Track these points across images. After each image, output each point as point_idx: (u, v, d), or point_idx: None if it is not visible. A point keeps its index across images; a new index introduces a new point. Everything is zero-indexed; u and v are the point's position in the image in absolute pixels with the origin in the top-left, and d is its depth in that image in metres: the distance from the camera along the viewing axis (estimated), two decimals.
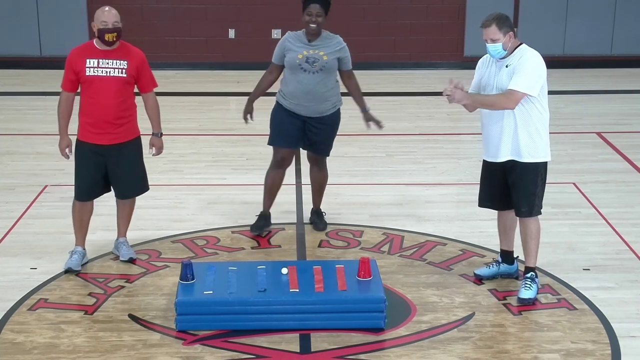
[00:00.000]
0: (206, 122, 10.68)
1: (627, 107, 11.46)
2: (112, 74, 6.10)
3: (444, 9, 13.42)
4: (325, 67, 6.68)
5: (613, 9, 13.37)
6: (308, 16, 6.64)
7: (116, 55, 6.13)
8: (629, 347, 5.45)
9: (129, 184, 6.41)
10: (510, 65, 5.74)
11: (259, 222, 7.06)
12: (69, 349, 5.38)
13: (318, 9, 6.62)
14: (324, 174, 7.10)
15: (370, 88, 12.43)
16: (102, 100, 6.10)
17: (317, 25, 6.64)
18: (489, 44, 5.75)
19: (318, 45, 6.69)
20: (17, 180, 8.40)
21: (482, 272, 6.27)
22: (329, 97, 6.77)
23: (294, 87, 6.71)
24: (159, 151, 6.53)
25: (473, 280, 6.27)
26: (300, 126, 6.79)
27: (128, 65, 6.14)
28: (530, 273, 5.99)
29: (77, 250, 6.45)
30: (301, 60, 6.65)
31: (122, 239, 6.57)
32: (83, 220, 6.43)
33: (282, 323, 5.57)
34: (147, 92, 6.35)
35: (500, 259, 6.28)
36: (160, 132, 6.49)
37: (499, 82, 5.79)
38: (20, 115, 10.88)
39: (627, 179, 8.54)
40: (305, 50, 6.66)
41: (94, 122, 6.15)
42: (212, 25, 13.30)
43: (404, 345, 5.44)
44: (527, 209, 5.90)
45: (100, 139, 6.18)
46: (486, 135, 5.97)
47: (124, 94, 6.16)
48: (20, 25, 13.17)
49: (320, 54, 6.66)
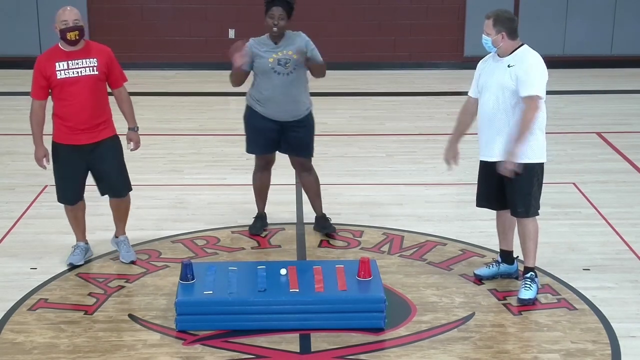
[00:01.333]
0: (206, 122, 10.68)
1: (627, 107, 11.46)
2: (84, 73, 6.05)
3: (444, 9, 13.41)
4: (298, 66, 6.59)
5: (613, 9, 13.37)
6: (270, 19, 6.59)
7: (84, 54, 6.08)
8: (629, 347, 5.45)
9: (115, 182, 6.35)
10: (513, 65, 5.75)
11: (257, 224, 7.08)
12: (69, 349, 5.38)
13: (280, 12, 6.56)
14: (314, 176, 7.00)
15: (370, 88, 12.47)
16: (78, 101, 6.05)
17: (278, 29, 6.57)
18: (484, 34, 5.84)
19: (284, 45, 6.61)
20: (17, 180, 8.40)
21: (482, 272, 6.27)
22: (303, 99, 6.72)
23: (270, 92, 6.62)
24: (136, 145, 6.44)
25: (473, 281, 6.27)
26: (277, 129, 6.71)
27: (98, 62, 6.09)
28: (529, 273, 5.99)
29: (79, 245, 6.49)
30: (273, 64, 6.57)
31: (123, 237, 6.57)
32: (78, 218, 6.45)
33: (282, 323, 5.57)
34: (118, 87, 6.30)
35: (500, 259, 6.28)
36: (136, 126, 6.42)
37: (500, 80, 5.79)
38: (20, 115, 10.84)
39: (627, 179, 8.54)
40: (274, 54, 6.58)
41: (70, 123, 6.10)
42: (212, 25, 13.29)
43: (404, 345, 5.44)
44: (523, 209, 5.90)
45: (78, 139, 6.13)
46: (481, 135, 5.98)
47: (97, 93, 6.12)
48: (20, 25, 13.16)
49: (289, 54, 6.58)
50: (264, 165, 6.95)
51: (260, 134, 6.77)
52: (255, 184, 7.04)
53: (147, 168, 8.55)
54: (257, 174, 7.00)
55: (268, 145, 6.81)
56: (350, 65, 13.09)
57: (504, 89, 5.78)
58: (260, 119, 6.70)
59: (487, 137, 5.91)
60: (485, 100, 5.89)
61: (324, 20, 13.20)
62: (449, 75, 13.12)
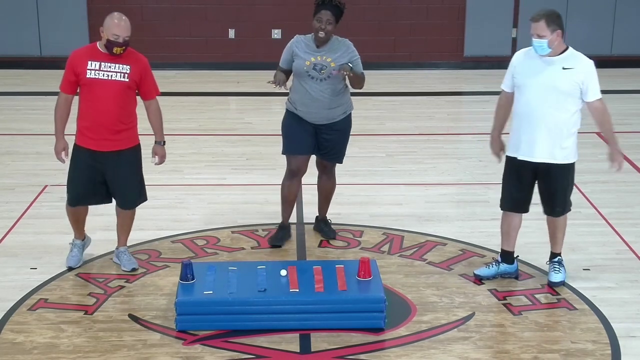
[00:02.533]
0: (206, 122, 10.68)
1: (627, 107, 11.45)
2: (114, 78, 5.99)
3: (444, 9, 13.41)
4: (332, 75, 6.44)
5: (613, 9, 13.37)
6: (318, 22, 6.41)
7: (119, 60, 6.02)
8: (629, 347, 5.45)
9: (128, 194, 6.30)
10: (570, 68, 5.75)
11: (278, 234, 6.87)
12: (69, 349, 5.38)
13: (329, 16, 6.39)
14: (332, 182, 6.91)
15: (370, 88, 12.36)
16: (102, 105, 5.99)
17: (325, 34, 6.41)
18: (535, 39, 5.76)
19: (326, 51, 6.47)
20: (17, 180, 8.40)
21: (482, 272, 6.27)
22: (339, 104, 6.58)
23: (301, 94, 6.52)
24: (161, 160, 6.41)
25: (473, 280, 6.27)
26: (311, 132, 6.59)
27: (131, 70, 6.03)
28: (557, 257, 6.19)
29: (76, 243, 6.45)
30: (308, 67, 6.43)
31: (123, 248, 6.50)
32: (79, 220, 6.40)
33: (282, 323, 5.57)
34: (150, 99, 6.23)
35: (500, 258, 6.28)
36: (163, 140, 6.37)
37: (552, 81, 5.76)
38: (20, 115, 10.88)
39: (627, 179, 8.54)
40: (313, 57, 6.44)
41: (92, 127, 6.03)
42: (212, 25, 13.29)
43: (404, 345, 5.44)
44: (561, 208, 6.07)
45: (97, 145, 6.06)
46: (521, 134, 5.91)
47: (124, 100, 6.05)
48: (20, 25, 13.16)
49: (327, 61, 6.43)
50: (294, 172, 6.70)
51: (296, 134, 6.61)
52: (283, 192, 6.80)
53: (147, 168, 8.51)
54: (285, 182, 6.77)
55: (303, 145, 6.63)
56: None
57: (556, 91, 5.77)
58: (296, 119, 6.59)
59: (529, 136, 5.88)
60: (529, 99, 5.85)
61: None
62: (449, 75, 13.12)
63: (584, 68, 5.77)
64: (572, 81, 5.76)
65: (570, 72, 5.75)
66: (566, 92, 5.77)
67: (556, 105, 5.79)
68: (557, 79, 5.76)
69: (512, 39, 13.17)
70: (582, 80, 5.76)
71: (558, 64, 5.78)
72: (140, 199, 6.40)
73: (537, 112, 5.82)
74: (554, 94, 5.78)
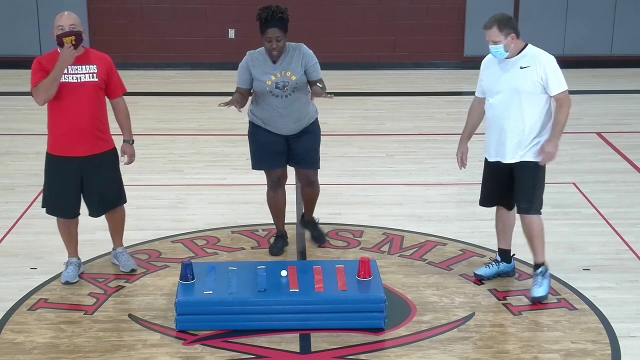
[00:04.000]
0: (206, 122, 10.68)
1: (627, 107, 11.46)
2: (84, 79, 5.88)
3: (444, 9, 13.41)
4: (297, 87, 6.25)
5: (613, 9, 13.37)
6: (268, 42, 6.17)
7: (84, 60, 5.90)
8: (629, 347, 5.45)
9: (103, 200, 6.16)
10: (527, 67, 5.76)
11: (277, 244, 6.74)
12: (69, 349, 5.38)
13: (277, 33, 6.14)
14: (315, 189, 6.70)
15: (370, 88, 12.47)
16: (76, 108, 5.87)
17: (278, 52, 6.19)
18: (491, 45, 5.80)
19: (283, 64, 6.23)
20: (17, 180, 8.40)
21: (483, 272, 6.27)
22: (306, 114, 6.40)
23: (268, 112, 6.31)
24: (130, 159, 6.26)
25: (473, 280, 6.27)
26: (283, 142, 6.41)
27: (98, 69, 5.92)
28: (539, 269, 6.03)
29: (72, 261, 6.31)
30: (271, 87, 6.21)
31: (120, 248, 6.46)
32: (71, 234, 6.25)
33: (282, 323, 5.57)
34: (117, 97, 6.11)
35: (499, 257, 6.29)
36: (132, 139, 6.24)
37: (513, 83, 5.79)
38: (20, 115, 10.88)
39: (627, 179, 8.55)
40: (273, 75, 6.21)
41: (67, 133, 5.90)
42: (212, 25, 13.29)
43: (404, 345, 5.44)
44: (526, 205, 5.93)
45: (75, 151, 5.93)
46: (491, 137, 5.97)
47: (97, 100, 5.94)
48: (20, 25, 13.16)
49: (288, 75, 6.21)
50: (275, 183, 6.58)
51: (265, 149, 6.42)
52: (269, 203, 6.70)
53: (146, 168, 8.55)
54: (269, 192, 6.64)
55: (275, 159, 6.47)
56: (350, 65, 13.10)
57: (518, 92, 5.78)
58: (264, 133, 6.39)
59: (498, 139, 5.91)
60: (495, 102, 5.89)
61: (324, 20, 13.20)
62: (449, 75, 13.13)
63: (541, 64, 5.76)
64: (531, 79, 5.76)
65: (528, 70, 5.76)
66: (528, 91, 5.78)
67: (521, 105, 5.80)
68: (517, 80, 5.78)
69: None
70: (540, 76, 5.75)
71: (516, 65, 5.80)
72: (120, 200, 6.30)
73: (503, 115, 5.85)
74: (516, 95, 5.80)
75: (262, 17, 6.20)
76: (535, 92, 5.79)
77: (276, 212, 6.73)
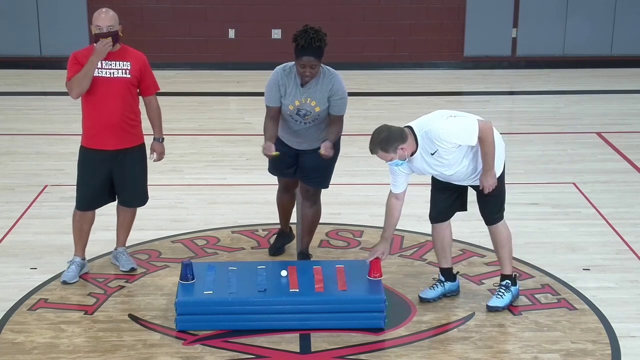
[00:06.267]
0: (206, 122, 10.68)
1: (627, 107, 11.46)
2: (116, 75, 5.99)
3: (444, 9, 13.41)
4: (318, 119, 6.05)
5: (613, 9, 13.37)
6: (301, 68, 5.83)
7: (118, 57, 6.02)
8: (629, 347, 5.45)
9: (133, 192, 6.29)
10: (435, 151, 5.58)
11: (277, 243, 6.71)
12: (69, 349, 5.38)
13: (312, 61, 5.80)
14: (315, 210, 6.40)
15: (370, 88, 12.47)
16: (108, 103, 5.99)
17: (311, 77, 5.89)
18: (390, 164, 5.67)
19: (310, 90, 5.94)
20: (17, 180, 8.40)
21: (428, 294, 5.99)
22: (324, 137, 6.08)
23: (285, 130, 6.16)
24: (160, 157, 6.39)
25: (473, 280, 6.27)
26: (294, 155, 6.23)
27: (131, 66, 6.04)
28: (505, 281, 5.91)
29: (76, 260, 6.31)
30: (292, 112, 5.98)
31: (122, 248, 6.47)
32: (83, 230, 6.28)
33: (282, 323, 5.57)
34: (150, 95, 6.22)
35: (442, 277, 6.06)
36: (162, 137, 6.37)
37: (439, 168, 5.69)
38: (20, 115, 10.88)
39: (627, 179, 8.55)
40: (297, 100, 5.94)
41: (99, 126, 6.02)
42: (212, 25, 13.29)
43: (404, 345, 5.44)
44: (497, 216, 5.84)
45: (105, 144, 6.05)
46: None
47: (129, 96, 6.05)
48: (20, 25, 13.16)
49: (312, 105, 5.95)
50: (284, 187, 6.51)
51: (278, 159, 6.12)
52: (278, 202, 6.65)
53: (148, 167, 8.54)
54: (278, 193, 6.59)
55: (286, 169, 6.28)
56: (350, 65, 13.09)
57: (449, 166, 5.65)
58: (278, 142, 6.12)
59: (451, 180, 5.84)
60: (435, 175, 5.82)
61: (324, 20, 13.19)
62: (449, 75, 13.12)
63: (443, 141, 5.51)
64: (450, 154, 5.56)
65: (439, 152, 5.58)
66: (457, 162, 5.63)
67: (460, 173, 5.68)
68: (438, 163, 5.63)
69: (512, 38, 13.14)
70: (450, 149, 5.53)
71: (426, 155, 5.62)
72: (145, 198, 6.40)
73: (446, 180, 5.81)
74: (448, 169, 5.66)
75: (300, 44, 5.80)
76: (460, 154, 5.62)
77: (282, 212, 6.71)
